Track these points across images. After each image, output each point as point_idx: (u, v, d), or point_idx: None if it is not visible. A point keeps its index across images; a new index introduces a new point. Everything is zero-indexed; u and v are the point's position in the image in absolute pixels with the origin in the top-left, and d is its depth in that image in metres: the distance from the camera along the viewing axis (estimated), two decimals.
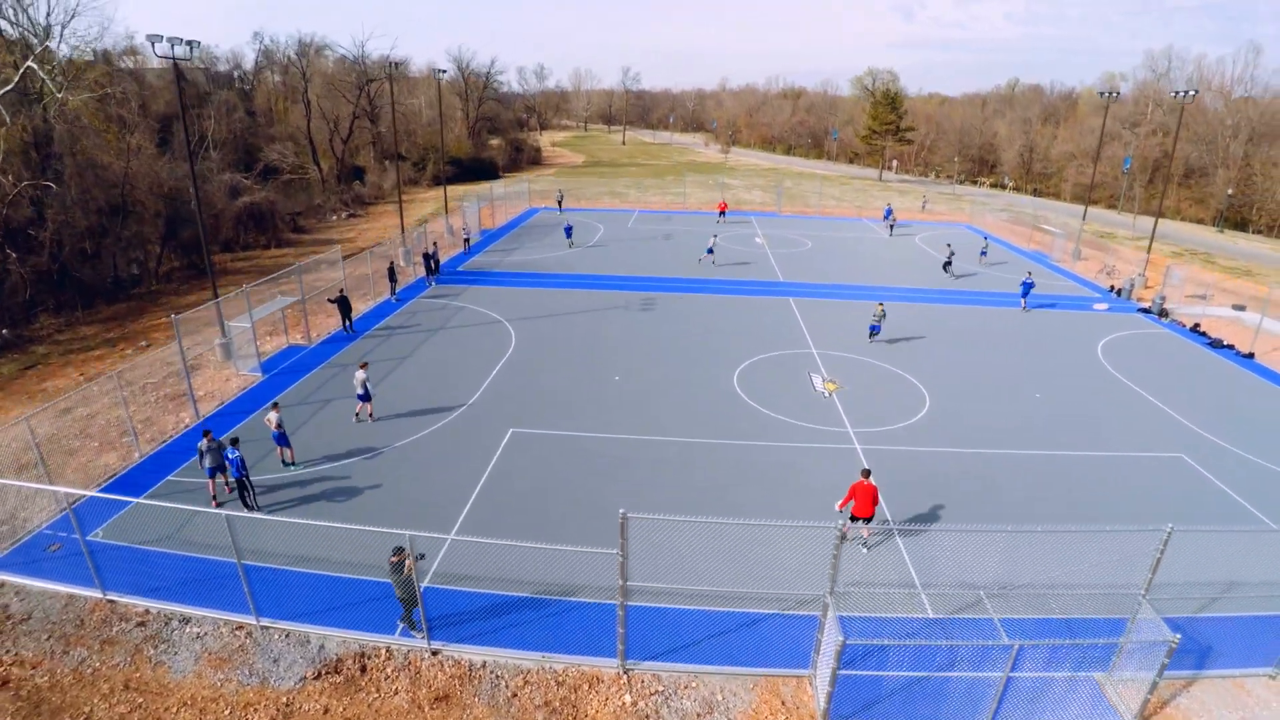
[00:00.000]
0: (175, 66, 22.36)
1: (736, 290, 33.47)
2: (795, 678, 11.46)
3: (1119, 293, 34.65)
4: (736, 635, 12.19)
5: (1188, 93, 37.33)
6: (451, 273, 35.29)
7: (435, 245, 34.01)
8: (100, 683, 11.01)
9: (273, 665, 11.31)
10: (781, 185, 69.54)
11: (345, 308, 25.89)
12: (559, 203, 53.42)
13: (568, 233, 42.43)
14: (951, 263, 37.65)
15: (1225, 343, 27.70)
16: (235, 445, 14.70)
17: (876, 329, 26.00)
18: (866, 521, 14.20)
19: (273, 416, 16.27)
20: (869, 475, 14.17)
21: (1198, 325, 29.71)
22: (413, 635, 11.75)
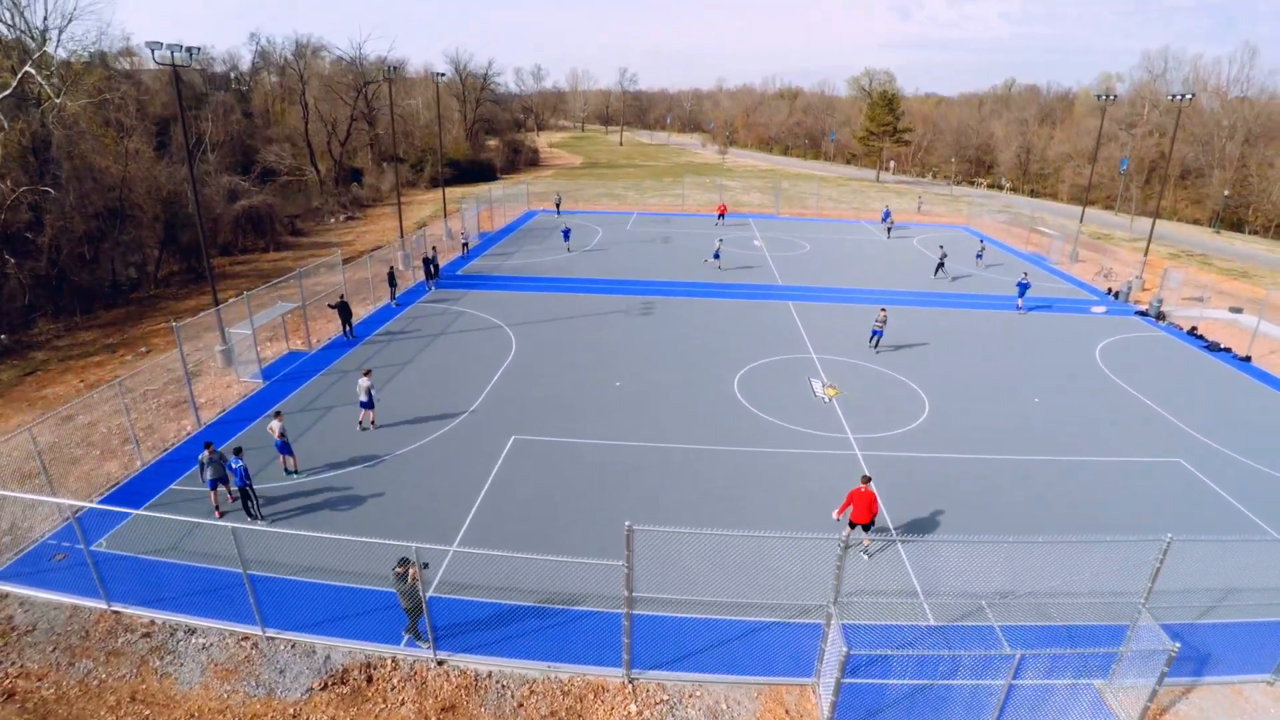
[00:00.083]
0: (174, 73, 22.37)
1: (736, 294, 33.55)
2: (799, 686, 11.54)
3: (1116, 295, 34.82)
4: (740, 644, 12.26)
5: (1184, 95, 37.51)
6: (451, 277, 35.32)
7: (434, 250, 34.03)
8: (107, 695, 11.04)
9: (279, 676, 11.35)
10: (779, 187, 69.60)
11: (345, 313, 25.91)
12: (557, 205, 53.46)
13: (565, 236, 42.47)
14: (944, 265, 37.80)
15: (1222, 346, 27.86)
16: (239, 455, 14.73)
17: (878, 334, 25.97)
18: (866, 529, 14.28)
19: (275, 425, 16.30)
20: (869, 482, 14.25)
21: (1195, 328, 29.86)
22: (418, 645, 11.80)
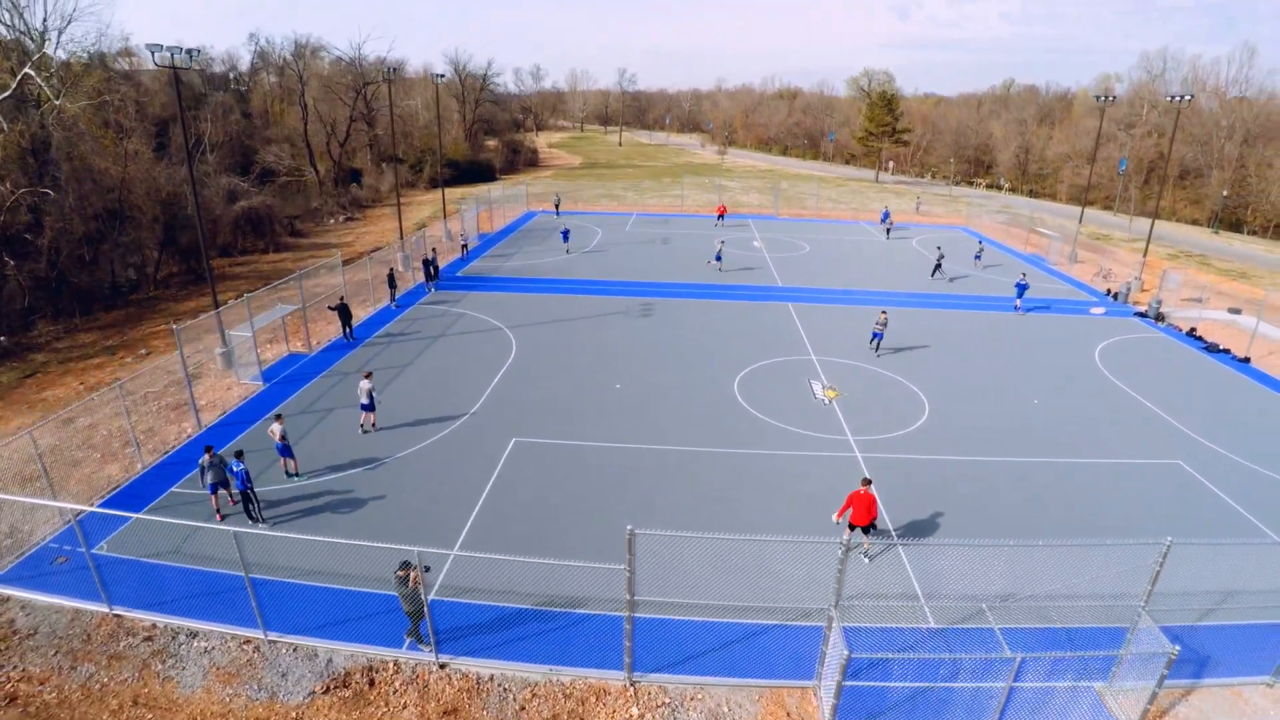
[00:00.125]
0: (175, 76, 22.37)
1: (735, 295, 33.58)
2: (800, 689, 11.57)
3: (1116, 296, 34.87)
4: (741, 646, 12.28)
5: (1183, 97, 37.57)
6: (450, 278, 35.33)
7: (434, 251, 34.04)
8: (109, 698, 11.06)
9: (281, 680, 11.37)
10: (778, 187, 69.63)
11: (345, 315, 25.92)
12: (556, 206, 53.46)
13: (565, 237, 42.37)
14: (941, 265, 37.86)
15: (1221, 347, 27.91)
16: (240, 458, 14.74)
17: (879, 337, 25.88)
18: (866, 531, 14.31)
19: (276, 428, 16.32)
20: (869, 485, 14.29)
21: (1194, 330, 29.91)
22: (420, 649, 11.82)
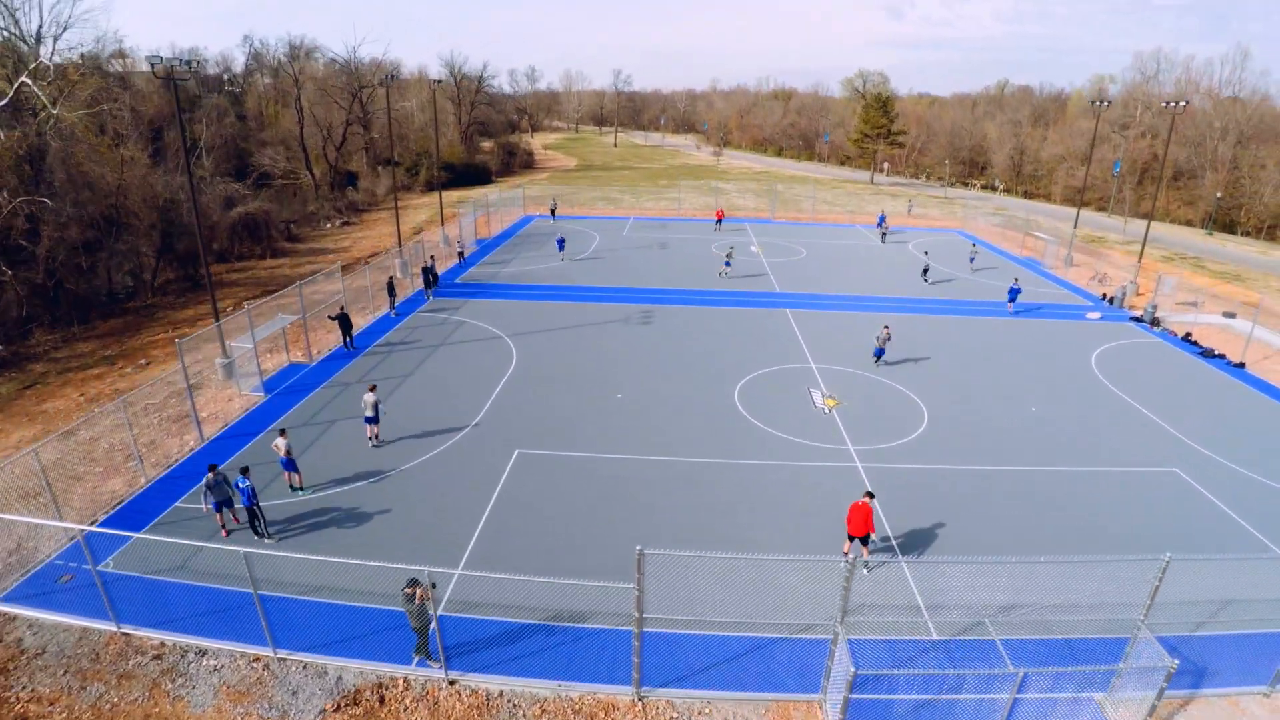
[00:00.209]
0: (174, 87, 22.38)
1: (734, 302, 33.71)
2: (806, 702, 11.69)
3: (1111, 301, 35.13)
4: (747, 660, 12.40)
5: (1178, 103, 37.85)
6: (449, 285, 35.36)
7: (432, 258, 34.07)
8: (120, 719, 11.10)
9: (291, 698, 11.43)
10: (775, 190, 69.81)
11: (346, 324, 25.94)
12: (552, 211, 53.47)
13: (560, 245, 41.51)
14: (929, 269, 38.07)
15: (1216, 352, 28.16)
16: (246, 474, 14.78)
17: (881, 352, 25.48)
18: (865, 542, 14.46)
19: (281, 443, 16.36)
20: (872, 498, 14.45)
21: (1189, 334, 30.17)
22: (429, 665, 11.90)
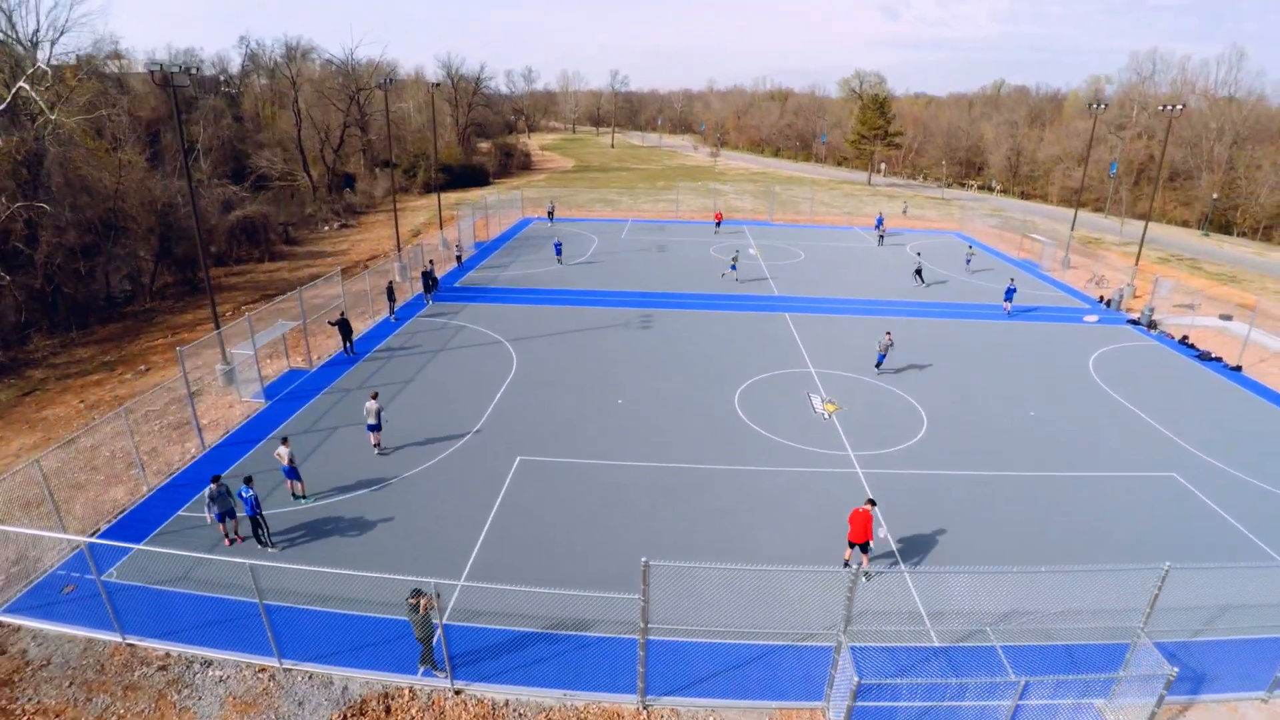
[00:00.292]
0: (173, 93, 22.36)
1: (733, 306, 33.80)
2: (809, 710, 11.76)
3: (1109, 304, 35.28)
4: (750, 668, 12.47)
5: (1175, 106, 38.02)
6: (448, 289, 35.38)
7: (431, 262, 34.09)
8: None
9: (298, 709, 11.47)
10: (773, 191, 69.90)
11: (346, 330, 25.95)
12: (550, 214, 53.49)
13: (558, 250, 41.08)
14: (921, 270, 38.22)
15: (1214, 356, 28.32)
16: (249, 483, 14.80)
17: (882, 358, 25.41)
18: (864, 549, 14.55)
19: (283, 451, 16.39)
20: (874, 505, 14.55)
21: (1186, 337, 30.33)
22: (435, 675, 11.94)
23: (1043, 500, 17.90)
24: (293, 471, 16.61)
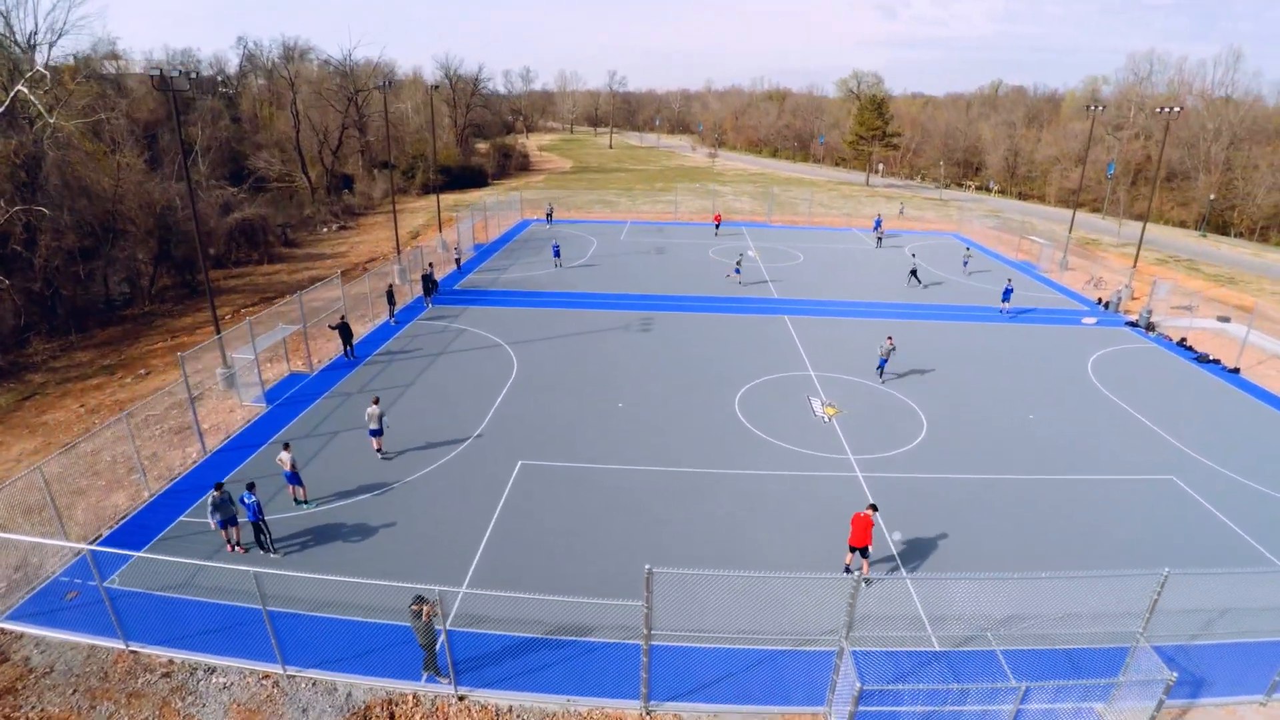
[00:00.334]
0: (173, 97, 22.37)
1: (733, 309, 33.85)
2: (812, 715, 11.82)
3: (1107, 306, 35.38)
4: (753, 673, 12.52)
5: (1173, 108, 38.13)
6: (448, 292, 35.38)
7: (431, 265, 34.10)
8: None
9: (302, 715, 11.49)
10: (772, 193, 69.97)
11: (346, 333, 25.95)
12: (548, 216, 53.50)
13: (556, 253, 41.13)
14: (916, 271, 38.32)
15: (1212, 358, 28.42)
16: (251, 490, 14.82)
17: (884, 363, 25.20)
18: (864, 554, 14.60)
19: (285, 457, 16.40)
20: (875, 510, 14.60)
21: (1184, 339, 30.43)
22: (438, 681, 11.97)
23: (1042, 503, 17.97)
24: (294, 477, 16.62)
